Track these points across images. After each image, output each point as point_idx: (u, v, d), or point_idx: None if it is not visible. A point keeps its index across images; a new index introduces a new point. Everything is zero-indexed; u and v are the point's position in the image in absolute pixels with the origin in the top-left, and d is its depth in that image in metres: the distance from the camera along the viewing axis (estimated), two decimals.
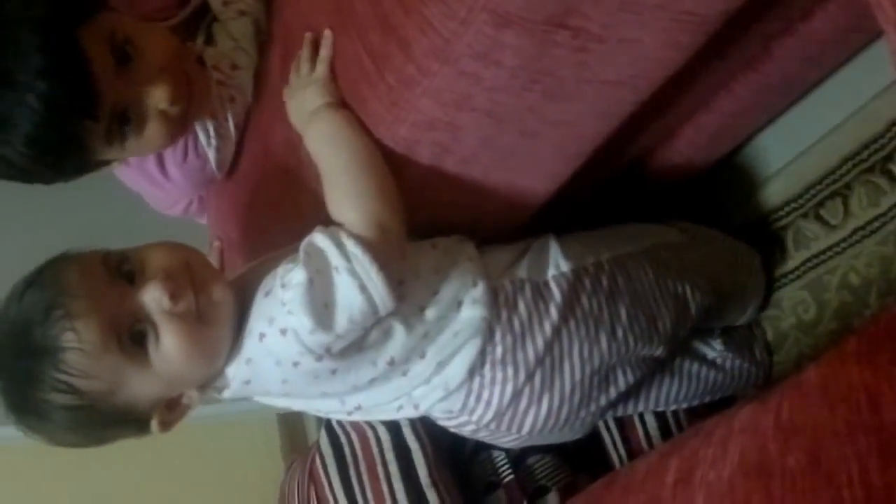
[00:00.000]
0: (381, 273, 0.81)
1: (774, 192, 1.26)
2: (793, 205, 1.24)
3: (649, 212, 1.16)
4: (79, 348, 0.81)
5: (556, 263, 0.98)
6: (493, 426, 1.00)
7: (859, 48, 1.09)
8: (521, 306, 0.95)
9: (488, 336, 0.93)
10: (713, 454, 0.63)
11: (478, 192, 0.94)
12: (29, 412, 0.86)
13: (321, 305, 0.81)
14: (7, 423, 0.88)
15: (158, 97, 0.99)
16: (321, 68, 0.92)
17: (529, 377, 0.96)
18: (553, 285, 0.97)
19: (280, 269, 0.86)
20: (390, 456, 1.11)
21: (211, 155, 1.16)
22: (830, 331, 1.19)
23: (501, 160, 0.91)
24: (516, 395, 0.96)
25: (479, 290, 0.93)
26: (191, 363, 0.86)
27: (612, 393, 1.02)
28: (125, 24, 0.98)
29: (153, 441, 0.92)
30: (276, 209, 1.11)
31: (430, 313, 0.91)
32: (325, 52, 0.92)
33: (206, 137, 1.15)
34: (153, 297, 0.84)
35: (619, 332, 0.99)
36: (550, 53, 0.77)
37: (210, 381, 0.90)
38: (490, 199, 0.96)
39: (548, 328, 0.95)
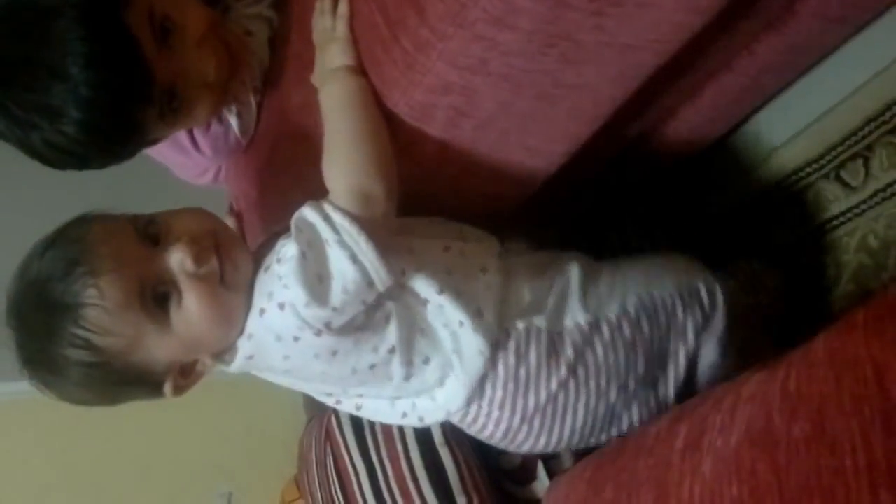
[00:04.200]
0: (370, 242, 0.81)
1: (796, 153, 1.25)
2: (814, 165, 1.23)
3: (667, 183, 1.15)
4: (100, 305, 0.82)
5: (574, 314, 0.94)
6: (492, 441, 1.00)
7: (884, 8, 1.06)
8: (532, 357, 0.92)
9: (486, 373, 0.92)
10: (721, 421, 0.64)
11: (495, 156, 0.94)
12: (44, 366, 0.87)
13: (315, 278, 0.82)
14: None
15: (204, 70, 1.00)
16: (341, 26, 0.90)
17: (527, 421, 0.95)
18: (567, 338, 0.93)
19: (277, 245, 0.87)
20: None
21: (233, 121, 1.16)
22: (848, 293, 1.18)
23: (518, 124, 0.91)
24: (512, 431, 0.96)
25: (484, 322, 0.90)
26: (210, 326, 0.87)
27: (615, 431, 0.99)
28: (160, 0, 0.98)
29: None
30: (293, 170, 1.11)
31: (432, 311, 0.90)
32: (342, 8, 0.91)
33: (226, 104, 1.15)
34: (177, 260, 0.85)
35: (632, 384, 0.95)
36: (566, 17, 0.76)
37: (224, 350, 0.91)
38: (507, 164, 0.96)
39: (554, 383, 0.93)
